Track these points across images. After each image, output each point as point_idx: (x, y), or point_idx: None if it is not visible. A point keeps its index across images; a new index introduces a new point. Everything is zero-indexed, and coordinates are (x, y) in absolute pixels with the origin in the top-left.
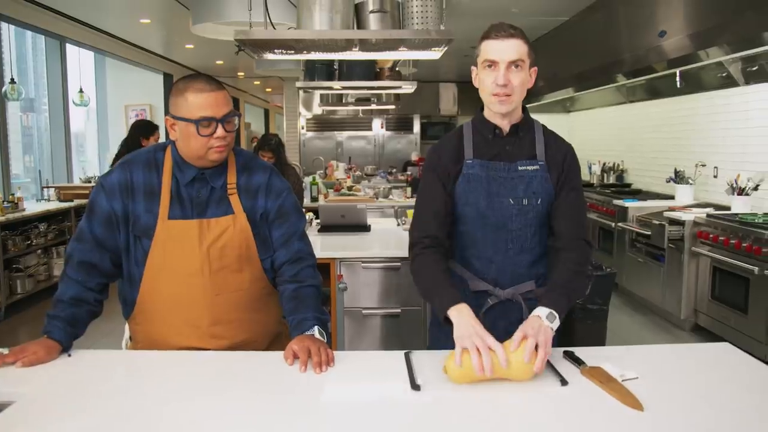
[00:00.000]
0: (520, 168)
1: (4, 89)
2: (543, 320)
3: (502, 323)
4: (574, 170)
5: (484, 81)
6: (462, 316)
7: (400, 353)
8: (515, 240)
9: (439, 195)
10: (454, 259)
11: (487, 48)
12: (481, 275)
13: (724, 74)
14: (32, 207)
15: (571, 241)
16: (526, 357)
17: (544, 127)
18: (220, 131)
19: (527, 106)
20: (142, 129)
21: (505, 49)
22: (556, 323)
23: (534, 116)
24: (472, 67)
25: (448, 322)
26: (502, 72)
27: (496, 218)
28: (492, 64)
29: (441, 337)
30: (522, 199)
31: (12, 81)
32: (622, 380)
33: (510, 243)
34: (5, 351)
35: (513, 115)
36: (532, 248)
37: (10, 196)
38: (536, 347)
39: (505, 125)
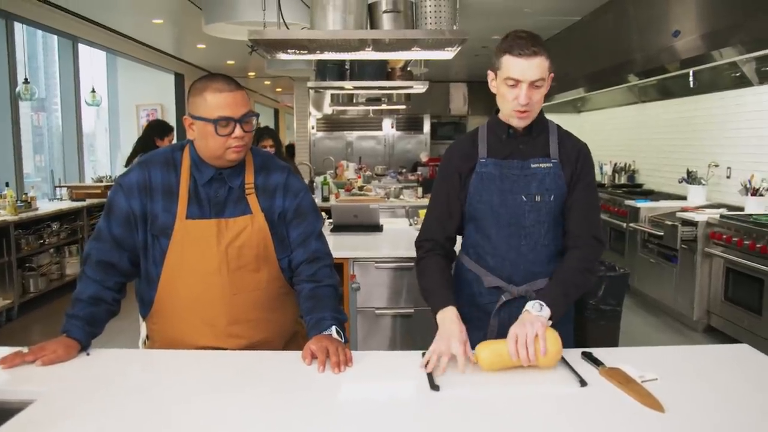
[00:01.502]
0: (533, 165)
1: (17, 89)
2: (530, 312)
3: (515, 320)
4: (586, 168)
5: (505, 96)
6: (444, 321)
7: (418, 353)
8: (528, 236)
9: (444, 201)
10: (468, 256)
11: (510, 65)
12: (496, 272)
13: (737, 74)
14: (45, 206)
15: (580, 239)
16: (531, 355)
17: (558, 126)
18: (238, 131)
19: None
20: (157, 129)
21: (529, 68)
22: (545, 311)
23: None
24: (489, 72)
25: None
26: (524, 92)
27: (508, 215)
28: (515, 82)
29: None
30: (535, 196)
31: (26, 81)
32: (642, 381)
33: (523, 239)
34: (25, 349)
35: None
36: (546, 245)
37: (24, 196)
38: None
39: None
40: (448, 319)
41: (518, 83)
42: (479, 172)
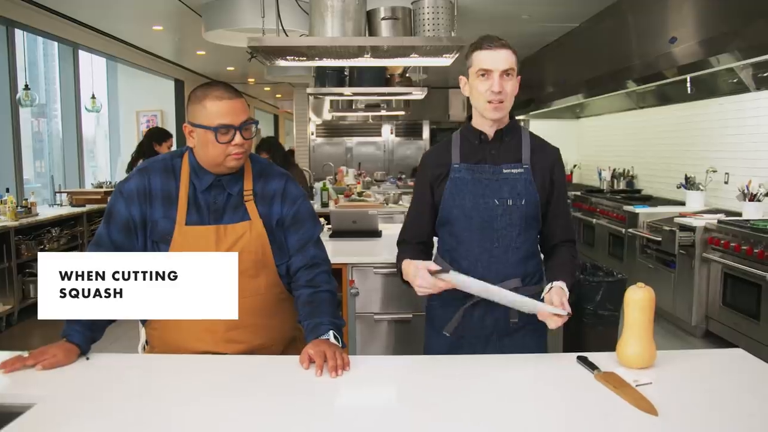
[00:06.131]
0: (504, 171)
1: (18, 95)
2: (563, 289)
3: (489, 319)
4: (561, 177)
5: (478, 89)
6: (409, 266)
7: (415, 357)
8: (501, 239)
9: (421, 206)
10: (443, 259)
11: (481, 58)
12: (469, 274)
13: (735, 80)
14: (45, 212)
15: (563, 243)
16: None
17: (530, 132)
18: (238, 138)
19: (536, 112)
20: (156, 135)
21: (499, 59)
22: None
23: (543, 122)
24: (461, 77)
25: (406, 283)
26: (496, 80)
27: (481, 218)
28: (486, 73)
29: (434, 342)
30: (507, 200)
31: (26, 87)
32: (636, 385)
33: (496, 242)
34: (25, 354)
35: (500, 121)
36: (518, 247)
37: (24, 201)
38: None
39: (490, 131)
40: (409, 263)
41: (489, 73)
42: (453, 177)
